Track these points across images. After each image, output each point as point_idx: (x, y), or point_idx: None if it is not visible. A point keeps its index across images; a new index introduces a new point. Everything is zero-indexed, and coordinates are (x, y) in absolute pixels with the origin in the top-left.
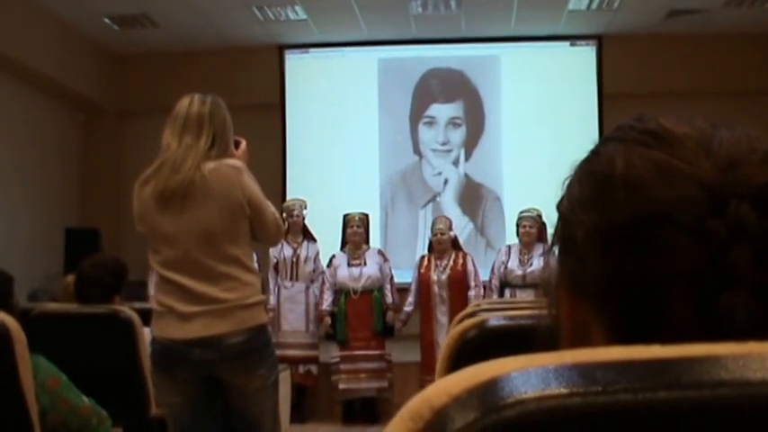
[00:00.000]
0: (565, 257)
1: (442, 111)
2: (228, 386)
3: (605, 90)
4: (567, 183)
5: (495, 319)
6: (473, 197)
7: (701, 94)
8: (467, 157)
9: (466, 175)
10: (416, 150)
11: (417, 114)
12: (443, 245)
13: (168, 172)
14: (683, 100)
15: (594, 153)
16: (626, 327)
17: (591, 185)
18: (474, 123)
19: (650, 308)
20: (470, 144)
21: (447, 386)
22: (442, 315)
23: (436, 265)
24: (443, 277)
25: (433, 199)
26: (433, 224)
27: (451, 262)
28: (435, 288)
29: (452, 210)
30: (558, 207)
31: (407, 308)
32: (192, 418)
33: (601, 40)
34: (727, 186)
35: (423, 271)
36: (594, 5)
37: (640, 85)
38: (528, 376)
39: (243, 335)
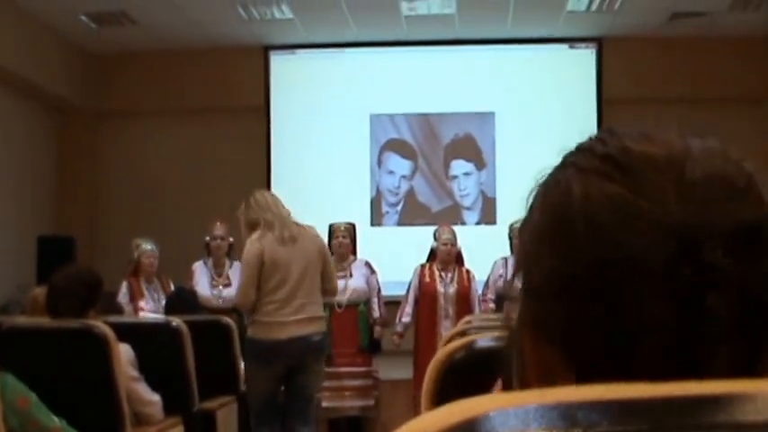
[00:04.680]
0: (526, 296)
1: None
2: (304, 367)
3: (605, 95)
4: (528, 203)
5: (483, 341)
6: None
7: (703, 101)
8: None
9: None
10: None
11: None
12: (452, 256)
13: (280, 229)
14: (686, 106)
15: (553, 178)
16: (594, 375)
17: (549, 217)
18: None
19: (619, 359)
20: None
21: (423, 425)
22: (446, 330)
23: (441, 277)
24: (451, 291)
25: (426, 208)
26: (439, 233)
27: (457, 276)
28: (441, 301)
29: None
30: (521, 232)
31: (405, 319)
32: (275, 401)
33: (601, 43)
34: (698, 228)
35: (427, 281)
36: (594, 7)
37: (641, 90)
38: (507, 416)
39: (320, 335)
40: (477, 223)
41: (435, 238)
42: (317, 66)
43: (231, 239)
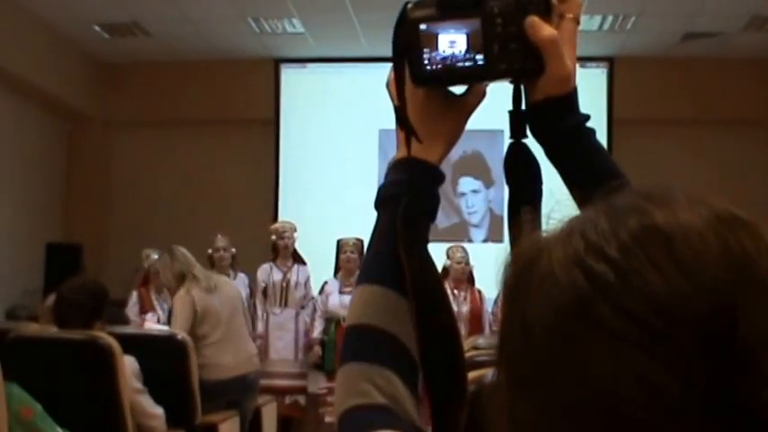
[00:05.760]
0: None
1: None
2: (241, 404)
3: (616, 115)
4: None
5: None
6: None
7: (715, 122)
8: None
9: None
10: None
11: None
12: (466, 275)
13: (205, 280)
14: (697, 127)
15: (519, 314)
16: None
17: (520, 367)
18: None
19: None
20: None
21: None
22: None
23: (454, 296)
24: (464, 310)
25: (434, 227)
26: (452, 252)
27: (469, 295)
28: None
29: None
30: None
31: None
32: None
33: (612, 63)
34: None
35: None
36: (606, 26)
37: (652, 111)
38: None
39: (255, 373)
40: (485, 241)
41: (448, 257)
42: (327, 79)
43: (234, 251)
